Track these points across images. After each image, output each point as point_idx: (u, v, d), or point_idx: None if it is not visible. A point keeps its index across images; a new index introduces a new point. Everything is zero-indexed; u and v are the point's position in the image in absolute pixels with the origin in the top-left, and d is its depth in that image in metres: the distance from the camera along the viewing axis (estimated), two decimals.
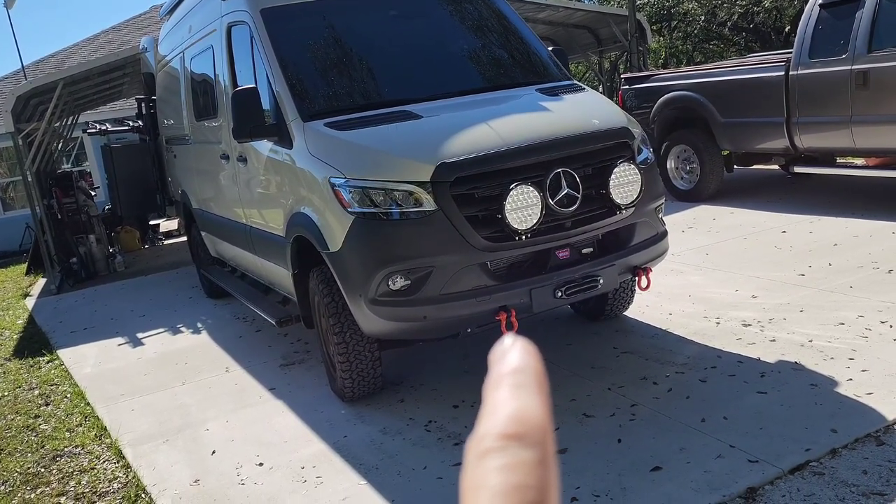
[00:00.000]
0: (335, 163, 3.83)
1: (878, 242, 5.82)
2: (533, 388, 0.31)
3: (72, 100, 10.78)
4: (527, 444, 0.29)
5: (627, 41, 12.02)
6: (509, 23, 5.03)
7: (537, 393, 0.31)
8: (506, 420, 0.30)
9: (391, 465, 3.49)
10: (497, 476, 0.29)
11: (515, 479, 0.28)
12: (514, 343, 0.33)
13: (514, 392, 0.31)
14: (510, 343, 0.33)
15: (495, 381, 0.32)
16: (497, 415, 0.30)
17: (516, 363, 0.32)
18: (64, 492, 3.80)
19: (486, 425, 0.31)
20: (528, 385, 0.31)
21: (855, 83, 6.56)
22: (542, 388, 0.31)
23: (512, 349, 0.33)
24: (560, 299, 3.82)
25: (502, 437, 0.30)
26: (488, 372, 0.33)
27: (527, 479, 0.29)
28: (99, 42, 17.27)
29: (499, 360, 0.33)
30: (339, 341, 3.97)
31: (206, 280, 7.27)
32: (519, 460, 0.29)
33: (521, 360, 0.32)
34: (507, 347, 0.33)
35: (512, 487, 0.28)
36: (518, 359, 0.32)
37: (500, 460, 0.29)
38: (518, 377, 0.31)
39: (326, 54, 4.55)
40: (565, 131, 3.89)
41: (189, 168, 6.77)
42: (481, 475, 0.29)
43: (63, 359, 6.10)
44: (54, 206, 10.08)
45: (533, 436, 0.30)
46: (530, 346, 0.33)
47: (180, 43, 6.42)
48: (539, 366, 0.32)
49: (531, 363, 0.32)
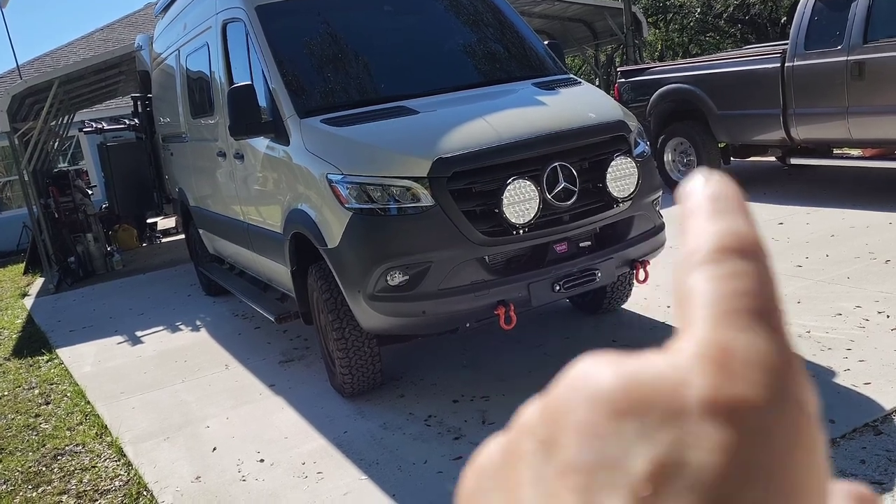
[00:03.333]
0: (332, 159, 3.83)
1: (874, 233, 5.83)
2: (740, 212, 0.26)
3: (67, 98, 10.76)
4: (747, 257, 0.25)
5: (623, 34, 12.01)
6: (505, 17, 5.03)
7: (746, 216, 0.26)
8: (718, 234, 0.25)
9: (392, 460, 3.50)
10: (715, 283, 0.24)
11: (739, 286, 0.24)
12: (706, 176, 0.28)
13: (719, 216, 0.26)
14: (702, 177, 0.28)
15: (691, 211, 0.27)
16: (706, 234, 0.25)
17: (713, 191, 0.27)
18: (65, 490, 3.81)
19: (693, 243, 0.26)
20: (733, 210, 0.26)
21: (851, 74, 6.56)
22: (748, 212, 0.26)
23: (705, 182, 0.28)
24: (558, 293, 3.83)
25: (717, 251, 0.25)
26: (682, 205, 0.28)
27: (752, 287, 0.24)
28: (94, 40, 17.22)
29: (689, 194, 0.28)
30: (339, 337, 3.98)
31: (204, 277, 7.27)
32: (740, 270, 0.24)
33: (719, 187, 0.27)
34: (698, 182, 0.28)
35: (735, 293, 0.24)
36: (715, 188, 0.27)
37: (717, 270, 0.24)
38: (719, 204, 0.26)
39: (322, 50, 4.55)
40: (562, 125, 3.89)
41: (186, 166, 6.76)
42: (694, 286, 0.24)
43: (62, 358, 6.10)
44: (51, 206, 10.07)
45: (753, 249, 0.25)
46: (726, 179, 0.28)
47: (175, 40, 6.41)
48: (740, 195, 0.27)
49: (731, 191, 0.27)
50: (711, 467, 0.21)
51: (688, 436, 0.21)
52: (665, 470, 0.21)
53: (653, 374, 0.23)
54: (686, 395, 0.22)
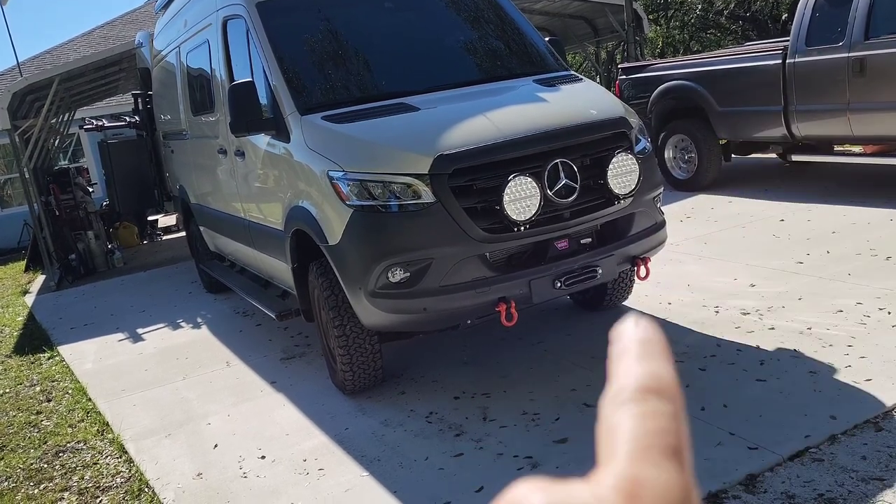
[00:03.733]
0: (333, 156, 3.83)
1: (876, 230, 5.83)
2: (661, 357, 0.32)
3: (68, 96, 10.76)
4: (664, 398, 0.30)
5: (624, 31, 11.99)
6: (505, 13, 5.02)
7: (666, 361, 0.32)
8: (642, 377, 0.30)
9: (393, 457, 3.51)
10: (635, 421, 0.29)
11: (654, 425, 0.29)
12: (636, 321, 0.33)
13: (644, 359, 0.31)
14: (632, 321, 0.34)
15: (621, 352, 0.32)
16: (631, 374, 0.31)
17: (641, 335, 0.32)
18: (67, 487, 3.82)
19: (621, 382, 0.31)
20: (655, 354, 0.32)
21: (852, 71, 6.56)
22: (669, 359, 0.32)
23: (634, 326, 0.33)
24: (559, 290, 3.83)
25: (640, 391, 0.30)
26: (610, 348, 0.33)
27: (665, 426, 0.29)
28: (94, 37, 17.21)
29: (620, 336, 0.33)
30: (340, 334, 3.98)
31: (205, 275, 7.27)
32: (657, 410, 0.29)
33: (645, 333, 0.33)
34: (629, 325, 0.33)
35: (651, 431, 0.29)
36: (642, 332, 0.33)
37: (637, 408, 0.29)
38: (645, 347, 0.32)
39: (323, 47, 4.55)
40: (563, 122, 3.89)
41: (186, 163, 6.76)
42: (618, 422, 0.29)
43: (63, 355, 6.11)
44: (52, 203, 10.07)
45: (669, 392, 0.30)
46: (651, 324, 0.33)
47: (176, 37, 6.40)
48: (663, 339, 0.33)
49: (655, 336, 0.33)
50: None
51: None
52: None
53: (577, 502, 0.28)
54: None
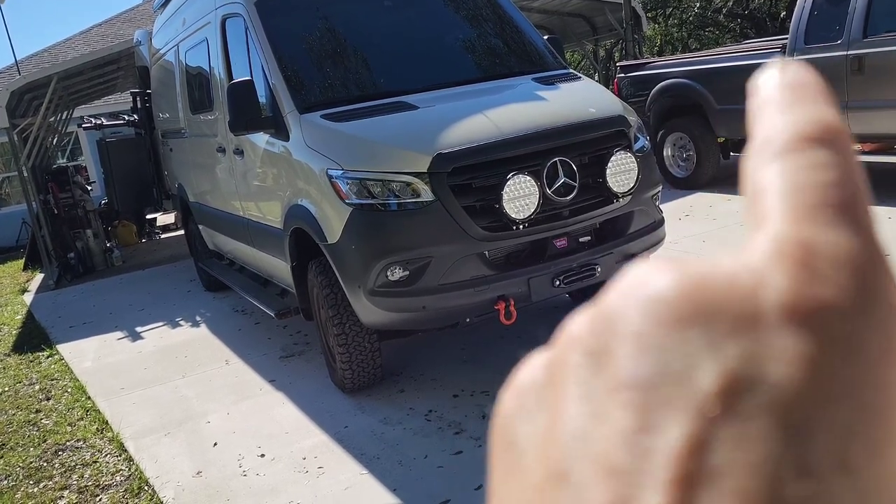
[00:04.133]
0: (332, 154, 3.83)
1: None
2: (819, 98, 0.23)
3: (66, 94, 10.74)
4: (830, 147, 0.21)
5: (622, 29, 12.00)
6: (504, 12, 5.02)
7: (825, 102, 0.23)
8: (796, 122, 0.22)
9: (392, 455, 3.51)
10: (794, 175, 0.21)
11: (822, 177, 0.21)
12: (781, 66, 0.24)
13: (799, 102, 0.22)
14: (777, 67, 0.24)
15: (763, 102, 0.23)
16: (780, 123, 0.22)
17: (789, 79, 0.23)
18: (67, 485, 3.82)
19: (764, 135, 0.22)
20: (812, 98, 0.23)
21: (850, 69, 6.56)
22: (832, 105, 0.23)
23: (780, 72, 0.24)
24: (558, 288, 3.84)
25: (795, 140, 0.21)
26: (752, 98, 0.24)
27: (837, 178, 0.21)
28: (92, 36, 17.18)
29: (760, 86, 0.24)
30: (339, 332, 3.99)
31: (204, 273, 7.27)
32: (823, 160, 0.21)
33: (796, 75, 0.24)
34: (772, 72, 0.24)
35: (817, 185, 0.20)
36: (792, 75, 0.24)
37: (797, 160, 0.21)
38: (796, 93, 0.23)
39: (321, 46, 4.55)
40: (562, 120, 3.89)
41: (185, 161, 6.76)
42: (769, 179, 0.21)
43: (63, 353, 6.11)
44: (50, 202, 10.06)
45: (837, 139, 0.22)
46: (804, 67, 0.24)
47: (174, 36, 6.40)
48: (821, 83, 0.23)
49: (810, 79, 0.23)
50: (791, 383, 0.18)
51: (764, 346, 0.18)
52: (737, 386, 0.18)
53: (722, 277, 0.19)
54: (762, 300, 0.19)
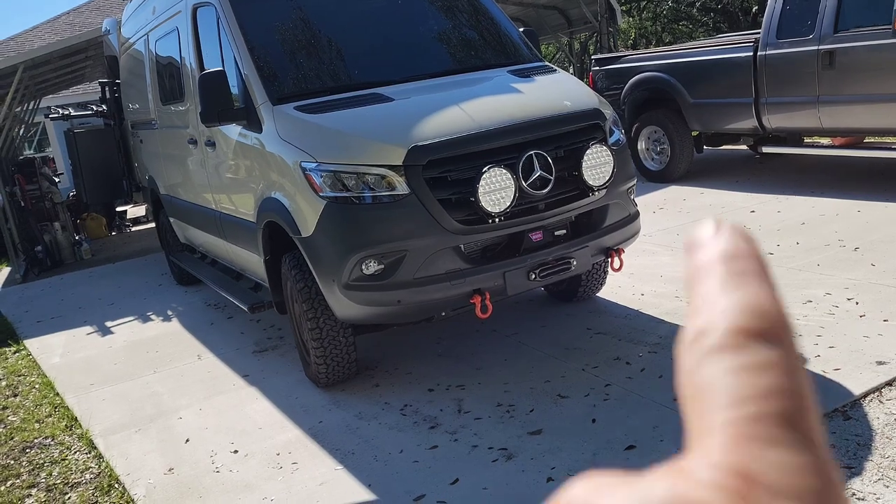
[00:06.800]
0: (306, 147, 3.79)
1: (844, 221, 5.92)
2: (759, 277, 0.22)
3: (33, 84, 10.51)
4: (772, 342, 0.20)
5: (597, 22, 12.03)
6: (479, 4, 4.99)
7: (765, 281, 0.22)
8: (735, 311, 0.21)
9: (367, 450, 3.49)
10: (733, 379, 0.20)
11: (761, 383, 0.20)
12: (716, 225, 0.23)
13: (736, 280, 0.21)
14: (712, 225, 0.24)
15: (701, 272, 0.22)
16: (719, 307, 0.21)
17: (728, 247, 0.23)
18: (35, 483, 3.74)
19: (705, 319, 0.21)
20: (750, 273, 0.22)
21: (821, 63, 6.64)
22: (770, 278, 0.22)
23: (715, 233, 0.23)
24: (534, 281, 3.84)
25: (735, 333, 0.20)
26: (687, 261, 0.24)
27: (777, 384, 0.20)
28: (60, 24, 16.84)
29: (697, 247, 0.23)
30: (313, 327, 3.95)
31: (175, 267, 7.17)
32: (763, 361, 0.20)
33: (732, 243, 0.23)
34: (707, 231, 0.23)
35: (757, 394, 0.19)
36: (727, 242, 0.23)
37: (734, 360, 0.20)
38: (733, 265, 0.22)
39: (295, 36, 4.48)
40: (537, 113, 3.88)
41: (156, 153, 6.65)
42: (709, 379, 0.20)
43: (30, 349, 5.99)
44: (17, 194, 9.86)
45: (776, 331, 0.21)
46: (739, 229, 0.23)
47: (144, 25, 6.28)
48: (759, 250, 0.23)
49: (746, 246, 0.23)
50: None
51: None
52: None
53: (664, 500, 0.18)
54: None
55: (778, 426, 0.19)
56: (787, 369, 0.20)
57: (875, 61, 6.27)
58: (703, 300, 0.22)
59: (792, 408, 0.19)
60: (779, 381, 0.20)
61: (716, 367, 0.20)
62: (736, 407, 0.19)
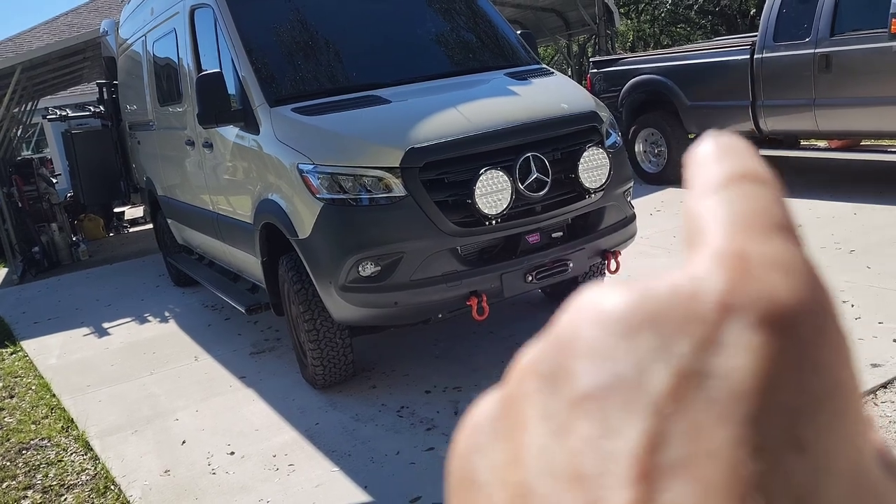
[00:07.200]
0: (303, 149, 3.79)
1: (840, 223, 5.93)
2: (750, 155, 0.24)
3: (31, 85, 10.50)
4: (760, 183, 0.23)
5: (595, 24, 12.05)
6: (477, 6, 5.01)
7: (757, 159, 0.23)
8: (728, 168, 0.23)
9: (364, 452, 3.49)
10: (729, 203, 0.22)
11: (755, 204, 0.22)
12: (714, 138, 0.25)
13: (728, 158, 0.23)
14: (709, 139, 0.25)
15: (699, 162, 0.24)
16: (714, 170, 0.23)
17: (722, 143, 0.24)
18: (31, 485, 3.74)
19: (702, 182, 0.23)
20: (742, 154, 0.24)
21: (818, 67, 6.65)
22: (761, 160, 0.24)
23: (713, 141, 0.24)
24: (531, 284, 3.84)
25: (728, 179, 0.23)
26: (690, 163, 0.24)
27: (768, 205, 0.22)
28: (58, 25, 16.84)
29: (696, 155, 0.25)
30: (310, 328, 3.95)
31: (173, 268, 7.17)
32: (755, 192, 0.22)
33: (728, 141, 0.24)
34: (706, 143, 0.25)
35: (751, 210, 0.22)
36: (724, 141, 0.24)
37: (729, 193, 0.22)
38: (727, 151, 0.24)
39: (293, 38, 4.49)
40: (534, 116, 3.89)
41: (153, 154, 6.65)
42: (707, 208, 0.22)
43: (27, 350, 5.98)
44: (14, 195, 9.85)
45: (765, 178, 0.23)
46: (733, 136, 0.25)
47: (142, 26, 6.28)
48: (750, 147, 0.24)
49: (740, 143, 0.24)
50: (737, 373, 0.19)
51: (708, 342, 0.20)
52: (687, 382, 0.19)
53: (665, 287, 0.21)
54: (702, 301, 0.20)
55: (767, 228, 0.22)
56: (772, 197, 0.23)
57: (871, 64, 6.29)
58: (703, 172, 0.24)
59: (779, 219, 0.22)
60: (766, 203, 0.22)
61: (714, 198, 0.23)
62: (730, 220, 0.22)
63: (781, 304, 0.20)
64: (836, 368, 0.20)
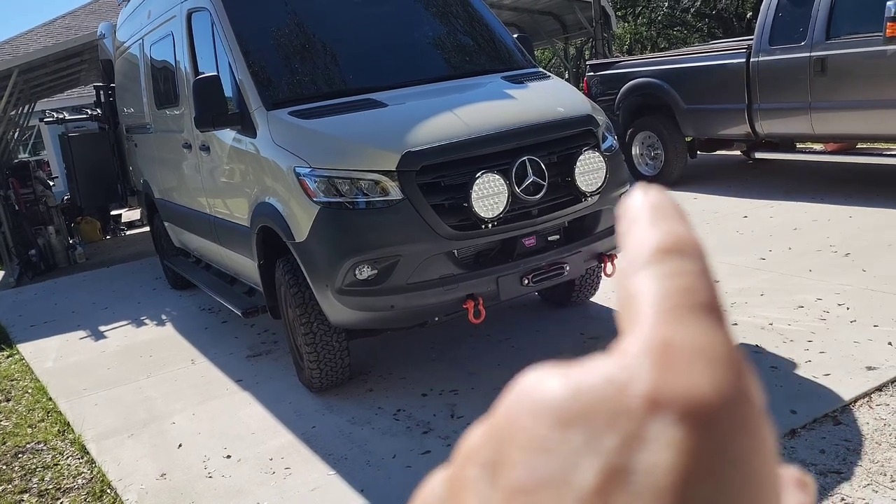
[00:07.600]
0: (300, 152, 3.80)
1: (835, 226, 5.95)
2: (677, 218, 0.26)
3: (28, 87, 10.50)
4: (687, 257, 0.24)
5: (592, 27, 12.07)
6: (474, 9, 5.02)
7: (683, 221, 0.26)
8: (658, 238, 0.25)
9: (360, 455, 3.49)
10: (657, 282, 0.24)
11: (681, 283, 0.23)
12: (644, 190, 0.28)
13: (658, 221, 0.26)
14: (640, 191, 0.28)
15: (632, 222, 0.27)
16: (645, 239, 0.25)
17: (651, 201, 0.27)
18: (27, 489, 3.73)
19: (635, 249, 0.25)
20: (670, 216, 0.26)
21: (813, 70, 6.68)
22: (685, 218, 0.26)
23: (643, 195, 0.27)
24: (527, 287, 3.85)
25: (658, 251, 0.24)
26: (618, 224, 0.28)
27: (694, 283, 0.23)
28: (55, 28, 16.83)
29: (628, 208, 0.27)
30: (307, 331, 3.95)
31: (170, 271, 7.16)
32: (681, 268, 0.24)
33: (656, 199, 0.27)
34: (637, 195, 0.28)
35: (677, 290, 0.23)
36: (652, 199, 0.27)
37: (658, 269, 0.24)
38: (657, 212, 0.26)
39: (290, 41, 4.50)
40: (531, 119, 3.90)
41: (150, 157, 6.65)
42: (637, 287, 0.24)
43: (23, 353, 5.98)
44: (11, 197, 9.84)
45: (692, 250, 0.25)
46: (662, 190, 0.28)
47: (139, 29, 6.29)
48: (677, 204, 0.27)
49: (667, 201, 0.27)
50: (660, 468, 0.20)
51: (634, 438, 0.21)
52: (613, 479, 0.20)
53: (598, 379, 0.22)
54: (632, 395, 0.21)
55: (692, 311, 0.23)
56: (699, 274, 0.24)
57: (866, 68, 6.31)
58: (633, 239, 0.26)
59: (704, 301, 0.23)
60: (691, 281, 0.24)
61: (642, 277, 0.24)
62: (658, 302, 0.23)
63: (702, 400, 0.21)
64: (754, 460, 0.21)
